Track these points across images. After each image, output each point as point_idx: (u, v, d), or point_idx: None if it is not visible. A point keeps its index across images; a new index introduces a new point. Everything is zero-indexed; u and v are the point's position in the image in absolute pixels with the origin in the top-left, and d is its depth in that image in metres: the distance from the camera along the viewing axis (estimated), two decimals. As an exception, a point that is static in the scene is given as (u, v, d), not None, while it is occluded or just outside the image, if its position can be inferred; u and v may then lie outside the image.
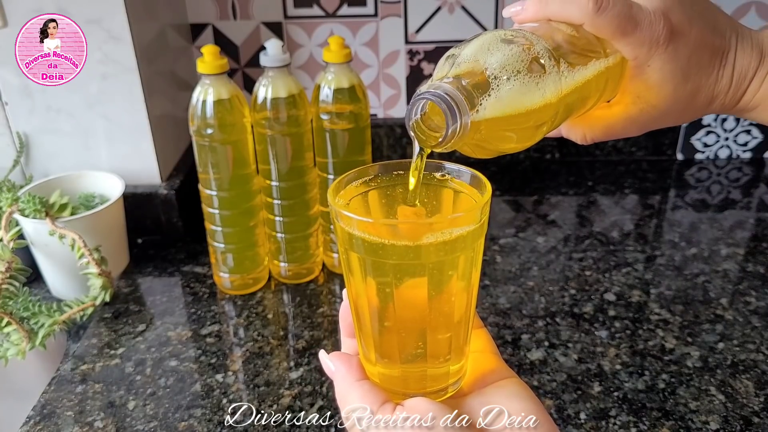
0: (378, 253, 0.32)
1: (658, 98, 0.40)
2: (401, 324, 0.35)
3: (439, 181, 0.37)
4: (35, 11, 0.75)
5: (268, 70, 0.68)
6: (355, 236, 0.33)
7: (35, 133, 0.84)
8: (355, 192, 0.37)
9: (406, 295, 0.34)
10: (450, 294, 0.34)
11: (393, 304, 0.34)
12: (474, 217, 0.33)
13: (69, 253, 0.73)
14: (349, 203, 0.37)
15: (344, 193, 0.37)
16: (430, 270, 0.33)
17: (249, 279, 0.77)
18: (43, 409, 0.62)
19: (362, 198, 0.37)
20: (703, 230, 0.87)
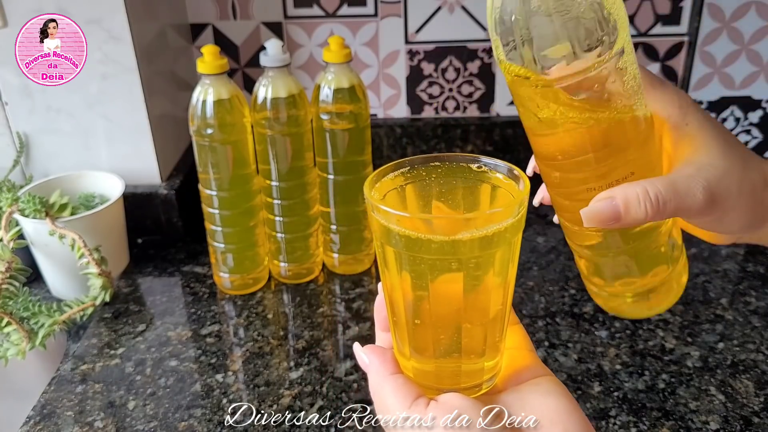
0: (414, 248, 0.32)
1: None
2: (436, 319, 0.35)
3: (476, 174, 0.37)
4: (35, 11, 0.75)
5: (268, 70, 0.68)
6: (391, 230, 0.33)
7: (35, 133, 0.84)
8: (391, 185, 0.37)
9: (442, 290, 0.33)
10: (486, 289, 0.34)
11: (428, 299, 0.34)
12: (512, 213, 0.32)
13: (69, 253, 0.73)
14: (385, 197, 0.36)
15: (380, 186, 0.36)
16: (467, 265, 0.33)
17: (249, 279, 0.77)
18: (43, 409, 0.62)
19: (398, 191, 0.37)
20: (703, 230, 0.87)
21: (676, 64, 1.01)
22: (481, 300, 0.34)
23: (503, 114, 1.05)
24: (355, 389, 0.62)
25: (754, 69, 0.99)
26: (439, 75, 1.03)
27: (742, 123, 1.03)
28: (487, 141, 1.05)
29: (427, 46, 1.00)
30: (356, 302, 0.75)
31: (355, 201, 0.76)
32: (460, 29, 0.99)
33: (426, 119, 1.06)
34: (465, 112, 1.06)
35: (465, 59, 1.01)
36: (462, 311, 0.34)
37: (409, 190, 0.37)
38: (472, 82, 1.03)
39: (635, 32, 0.98)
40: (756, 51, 0.98)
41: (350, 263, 0.79)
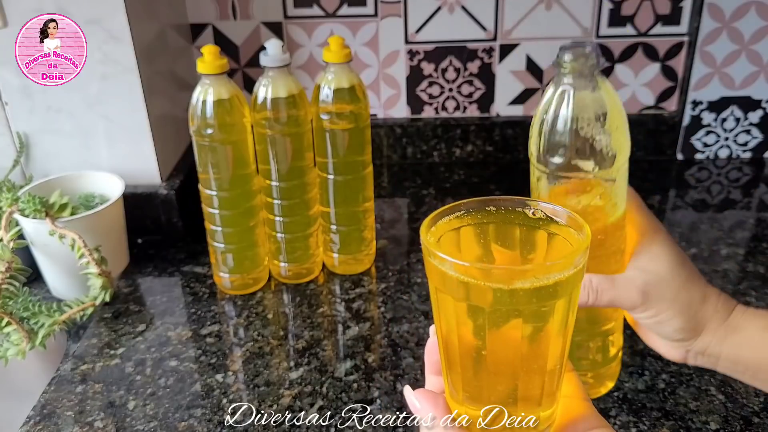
0: (470, 295, 0.32)
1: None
2: (493, 367, 0.34)
3: (531, 220, 0.36)
4: (35, 11, 0.75)
5: (268, 70, 0.68)
6: (447, 276, 0.32)
7: (35, 133, 0.84)
8: (446, 227, 0.36)
9: (500, 338, 0.33)
10: (545, 338, 0.33)
11: (485, 347, 0.33)
12: (572, 263, 0.32)
13: (69, 253, 0.73)
14: (440, 240, 0.36)
15: (435, 230, 0.36)
16: (525, 314, 0.32)
17: (249, 279, 0.77)
18: (43, 409, 0.62)
19: (454, 234, 0.36)
20: (704, 230, 0.87)
21: (676, 64, 1.01)
22: (540, 349, 0.34)
23: (503, 114, 1.05)
24: (355, 389, 0.62)
25: (754, 69, 0.99)
26: (439, 75, 1.03)
27: (742, 123, 1.03)
28: (487, 141, 1.05)
29: (427, 46, 1.01)
30: (356, 302, 0.75)
31: (355, 201, 0.76)
32: (460, 29, 0.99)
33: (426, 119, 1.06)
34: (465, 112, 1.06)
35: (465, 59, 1.01)
36: (520, 360, 0.34)
37: (465, 234, 0.36)
38: (472, 82, 1.03)
39: (635, 32, 0.98)
40: (756, 51, 0.98)
41: (350, 263, 0.79)
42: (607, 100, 0.42)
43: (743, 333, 0.47)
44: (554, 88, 0.42)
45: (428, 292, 0.77)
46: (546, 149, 0.43)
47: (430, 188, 0.99)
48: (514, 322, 0.32)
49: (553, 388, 0.36)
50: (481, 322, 0.33)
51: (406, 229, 0.90)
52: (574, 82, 0.41)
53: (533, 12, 0.97)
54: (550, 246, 0.36)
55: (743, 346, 0.47)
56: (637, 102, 1.04)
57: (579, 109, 0.41)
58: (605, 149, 0.42)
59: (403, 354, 0.67)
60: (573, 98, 0.41)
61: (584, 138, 0.42)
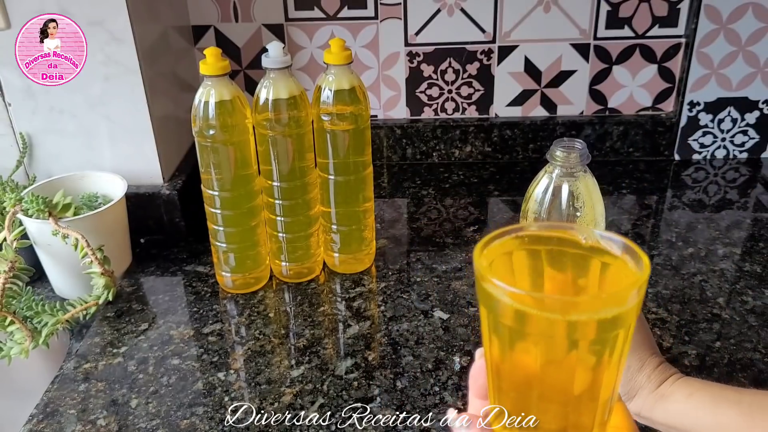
0: (525, 324, 0.31)
1: None
2: (545, 394, 0.34)
3: (585, 248, 0.35)
4: (37, 13, 0.75)
5: (270, 72, 0.69)
6: (502, 303, 0.31)
7: (38, 133, 0.85)
8: (499, 250, 0.35)
9: (553, 366, 0.33)
10: (599, 368, 0.33)
11: (538, 374, 0.33)
12: (629, 296, 0.31)
13: (72, 253, 0.73)
14: (492, 264, 0.35)
15: (488, 253, 0.34)
16: (581, 345, 0.32)
17: (250, 278, 0.77)
18: (46, 407, 0.62)
19: (506, 258, 0.35)
20: (700, 230, 0.88)
21: (674, 65, 1.01)
22: (594, 378, 0.33)
23: (502, 115, 1.06)
24: (355, 387, 0.63)
25: (751, 70, 1.00)
26: (438, 77, 1.03)
27: (739, 124, 1.04)
28: (486, 142, 1.06)
29: (426, 48, 1.01)
30: (356, 301, 0.75)
31: (355, 201, 0.76)
32: (459, 31, 0.99)
33: (425, 120, 1.06)
34: (464, 114, 1.06)
35: (464, 61, 1.02)
36: (573, 388, 0.33)
37: (517, 258, 0.36)
38: (471, 83, 1.04)
39: (633, 34, 0.99)
40: (753, 52, 0.98)
41: (351, 262, 0.80)
42: (592, 188, 0.47)
43: (670, 400, 0.49)
44: (548, 178, 0.47)
45: (427, 291, 0.78)
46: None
47: (429, 188, 1.00)
48: (570, 351, 0.32)
49: (604, 418, 0.35)
50: (535, 350, 0.32)
51: (406, 228, 0.90)
52: (565, 174, 0.46)
53: (532, 14, 0.98)
54: (605, 275, 0.35)
55: (671, 412, 0.49)
56: (634, 103, 1.04)
57: (570, 196, 0.46)
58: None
59: (402, 352, 0.67)
60: (561, 185, 0.46)
61: (572, 218, 0.46)
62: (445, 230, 0.89)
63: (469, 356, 0.66)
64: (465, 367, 0.65)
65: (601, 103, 1.05)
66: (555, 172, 0.48)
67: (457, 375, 0.64)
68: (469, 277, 0.78)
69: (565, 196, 0.47)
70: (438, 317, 0.72)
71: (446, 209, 0.94)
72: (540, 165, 0.56)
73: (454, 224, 0.90)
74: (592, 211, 0.48)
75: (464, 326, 0.71)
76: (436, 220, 0.91)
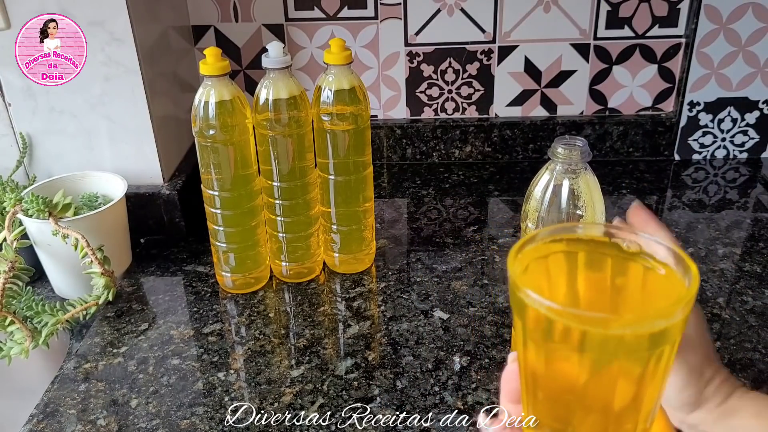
0: (559, 338, 0.30)
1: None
2: (584, 405, 0.32)
3: (627, 253, 0.33)
4: (38, 13, 0.75)
5: (270, 72, 0.69)
6: (540, 314, 0.30)
7: (38, 133, 0.85)
8: (534, 254, 0.33)
9: (593, 377, 0.31)
10: (642, 381, 0.31)
11: (577, 384, 0.31)
12: (675, 312, 0.29)
13: (72, 253, 0.73)
14: (527, 268, 0.33)
15: (522, 257, 0.33)
16: (623, 359, 0.30)
17: (251, 278, 0.77)
18: (46, 407, 0.62)
19: (542, 262, 0.34)
20: (700, 230, 0.88)
21: (674, 65, 1.01)
22: (637, 391, 0.32)
23: (502, 115, 1.06)
24: (355, 387, 0.63)
25: (751, 70, 1.00)
26: (438, 77, 1.03)
27: (739, 124, 1.04)
28: (486, 142, 1.06)
29: (426, 48, 1.01)
30: (356, 301, 0.75)
31: (355, 201, 0.76)
32: (459, 31, 0.99)
33: (425, 120, 1.06)
34: (464, 114, 1.06)
35: (464, 61, 1.02)
36: (614, 401, 0.32)
37: (553, 261, 0.34)
38: (471, 83, 1.04)
39: (633, 34, 0.99)
40: (753, 52, 0.98)
41: (351, 263, 0.80)
42: (593, 186, 0.47)
43: (736, 417, 0.47)
44: (549, 175, 0.47)
45: (427, 291, 0.78)
46: (542, 223, 0.47)
47: (429, 188, 1.00)
48: (612, 364, 0.30)
49: (646, 427, 0.34)
50: (575, 362, 0.31)
51: (406, 228, 0.90)
52: (566, 171, 0.46)
53: (532, 14, 0.98)
54: (647, 283, 0.33)
55: (735, 429, 0.46)
56: (634, 103, 1.04)
57: (570, 194, 0.46)
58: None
59: (402, 352, 0.67)
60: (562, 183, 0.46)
61: (573, 216, 0.46)
62: (445, 230, 0.89)
63: (469, 356, 0.66)
64: (465, 367, 0.65)
65: (601, 103, 1.05)
66: (556, 169, 0.48)
67: (457, 375, 0.64)
68: (468, 277, 0.78)
69: (566, 194, 0.47)
70: (438, 317, 0.72)
71: (446, 209, 0.94)
72: (540, 165, 0.56)
73: (454, 224, 0.90)
74: (592, 209, 0.48)
75: (464, 326, 0.71)
76: (436, 220, 0.91)
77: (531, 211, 0.49)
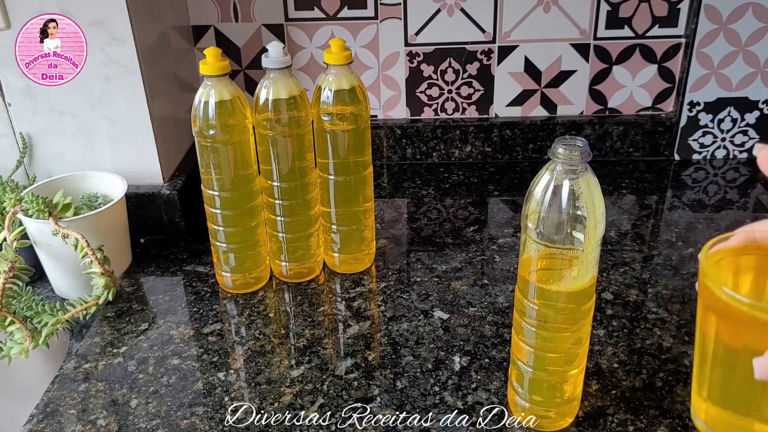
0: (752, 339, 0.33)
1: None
2: (747, 386, 0.35)
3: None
4: (37, 13, 0.75)
5: (270, 72, 0.69)
6: (731, 306, 0.33)
7: (38, 133, 0.85)
8: (727, 252, 0.37)
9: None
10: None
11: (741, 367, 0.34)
12: None
13: (72, 253, 0.73)
14: (719, 261, 0.36)
15: (715, 254, 0.36)
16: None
17: (250, 278, 0.77)
18: (46, 407, 0.62)
19: (733, 261, 0.36)
20: (700, 230, 0.88)
21: (674, 65, 1.01)
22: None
23: (502, 115, 1.06)
24: (355, 387, 0.63)
25: (751, 70, 1.00)
26: (438, 77, 1.03)
27: (739, 124, 1.04)
28: (486, 142, 1.06)
29: (426, 48, 1.01)
30: (356, 301, 0.75)
31: (355, 201, 0.76)
32: (459, 31, 0.99)
33: (425, 120, 1.06)
34: (464, 114, 1.06)
35: (464, 61, 1.02)
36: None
37: (745, 262, 0.37)
38: (471, 83, 1.04)
39: (632, 34, 0.99)
40: (753, 52, 0.98)
41: (351, 263, 0.80)
42: (593, 186, 0.48)
43: None
44: (549, 175, 0.49)
45: (427, 291, 0.78)
46: (542, 223, 0.49)
47: (429, 188, 1.00)
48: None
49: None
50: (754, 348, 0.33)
51: (406, 228, 0.90)
52: (566, 171, 0.48)
53: (532, 14, 0.98)
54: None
55: None
56: (634, 103, 1.05)
57: (571, 194, 0.47)
58: (588, 227, 0.48)
59: (402, 352, 0.67)
60: (567, 186, 0.48)
61: (574, 215, 0.48)
62: (445, 230, 0.89)
63: (469, 356, 0.66)
64: (465, 367, 0.65)
65: (601, 103, 1.05)
66: (557, 170, 0.48)
67: (457, 375, 0.64)
68: (468, 277, 0.78)
69: (566, 194, 0.48)
70: (438, 317, 0.72)
71: (446, 209, 0.94)
72: (540, 165, 0.56)
73: (454, 224, 0.90)
74: (593, 209, 0.48)
75: (464, 326, 0.71)
76: (436, 220, 0.91)
77: (531, 211, 0.49)
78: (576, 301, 0.51)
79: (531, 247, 0.51)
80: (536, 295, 0.52)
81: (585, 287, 0.51)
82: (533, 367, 0.54)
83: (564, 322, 0.52)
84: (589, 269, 0.50)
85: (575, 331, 0.52)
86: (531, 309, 0.52)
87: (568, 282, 0.50)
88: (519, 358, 0.55)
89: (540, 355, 0.54)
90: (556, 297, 0.51)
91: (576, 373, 0.55)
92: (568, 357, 0.53)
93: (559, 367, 0.54)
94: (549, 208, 0.48)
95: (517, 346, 0.55)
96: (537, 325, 0.53)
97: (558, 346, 0.53)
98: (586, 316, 0.52)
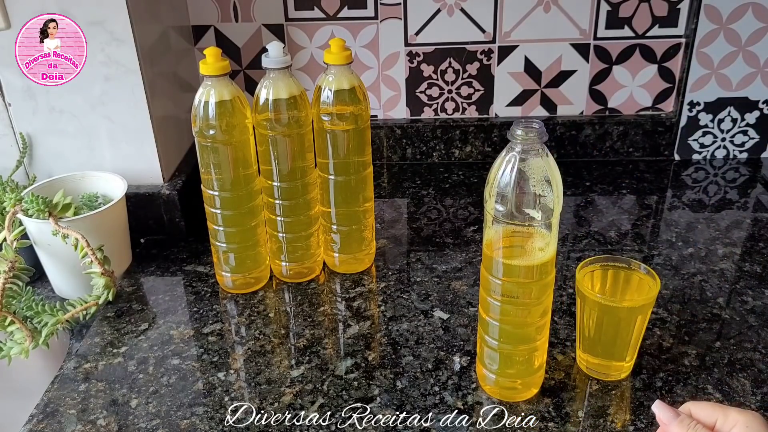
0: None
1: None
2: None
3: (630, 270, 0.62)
4: (37, 13, 0.75)
5: (270, 72, 0.69)
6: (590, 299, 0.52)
7: (38, 133, 0.85)
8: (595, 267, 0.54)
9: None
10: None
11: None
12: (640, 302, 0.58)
13: (72, 253, 0.73)
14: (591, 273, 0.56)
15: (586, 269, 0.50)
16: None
17: (251, 278, 0.77)
18: (46, 407, 0.62)
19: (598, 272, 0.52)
20: (700, 230, 0.88)
21: (674, 65, 1.01)
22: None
23: (502, 115, 1.06)
24: (355, 387, 0.63)
25: (751, 70, 1.00)
26: (438, 77, 1.03)
27: (739, 124, 1.04)
28: (486, 142, 1.06)
29: (426, 48, 1.01)
30: (356, 301, 0.75)
31: (355, 201, 0.76)
32: (459, 31, 0.99)
33: (425, 120, 1.06)
34: (464, 114, 1.06)
35: (464, 61, 1.02)
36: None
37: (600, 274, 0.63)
38: (471, 83, 1.04)
39: (632, 34, 0.99)
40: (753, 52, 0.98)
41: (350, 262, 0.80)
42: (551, 166, 0.52)
43: None
44: (506, 153, 0.52)
45: (427, 291, 0.78)
46: (503, 202, 0.52)
47: (429, 188, 1.00)
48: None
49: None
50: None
51: (406, 228, 0.90)
52: (525, 152, 0.51)
53: (532, 14, 0.98)
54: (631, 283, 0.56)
55: None
56: (634, 103, 1.04)
57: (530, 172, 0.51)
58: (548, 203, 0.52)
59: (402, 352, 0.67)
60: (522, 163, 0.51)
61: (534, 194, 0.52)
62: (445, 230, 0.89)
63: (469, 356, 0.66)
64: (465, 367, 0.65)
65: (601, 103, 1.05)
66: (515, 150, 0.52)
67: (457, 375, 0.64)
68: (468, 277, 0.78)
69: (525, 174, 0.51)
70: (438, 317, 0.72)
71: (446, 209, 0.94)
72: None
73: (454, 224, 0.90)
74: (551, 187, 0.52)
75: (464, 326, 0.71)
76: (436, 220, 0.91)
77: (493, 193, 0.53)
78: (539, 275, 0.55)
79: (492, 225, 0.54)
80: (501, 272, 0.55)
81: (546, 261, 0.55)
82: (500, 340, 0.59)
83: (527, 296, 0.56)
84: (550, 244, 0.54)
85: (539, 303, 0.56)
86: (496, 285, 0.56)
87: (530, 257, 0.54)
88: (486, 333, 0.59)
89: (505, 328, 0.57)
90: (518, 272, 0.55)
91: (541, 343, 0.60)
92: (536, 329, 0.58)
93: (526, 340, 0.58)
94: (510, 187, 0.52)
95: (484, 322, 0.59)
96: (502, 300, 0.56)
97: (525, 319, 0.57)
98: (548, 288, 0.57)
